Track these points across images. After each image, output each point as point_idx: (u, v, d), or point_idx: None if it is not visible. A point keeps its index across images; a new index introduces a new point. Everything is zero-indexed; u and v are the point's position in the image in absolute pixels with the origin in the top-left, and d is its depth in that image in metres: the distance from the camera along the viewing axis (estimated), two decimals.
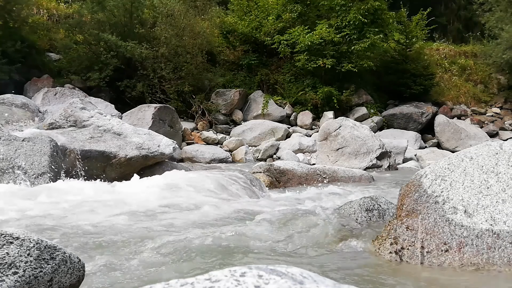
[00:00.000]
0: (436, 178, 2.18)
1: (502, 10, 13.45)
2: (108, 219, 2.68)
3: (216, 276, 0.71)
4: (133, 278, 1.74)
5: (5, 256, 1.25)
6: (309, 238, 2.36)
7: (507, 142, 2.29)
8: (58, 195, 3.18)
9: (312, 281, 0.72)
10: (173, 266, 1.87)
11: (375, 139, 6.95)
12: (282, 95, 12.11)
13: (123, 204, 3.07)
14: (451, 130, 11.15)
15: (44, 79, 10.09)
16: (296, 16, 12.29)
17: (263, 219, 2.83)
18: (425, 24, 13.54)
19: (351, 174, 4.89)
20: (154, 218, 2.78)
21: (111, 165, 4.26)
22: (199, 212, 2.99)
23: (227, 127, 10.79)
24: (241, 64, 12.72)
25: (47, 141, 3.73)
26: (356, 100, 12.23)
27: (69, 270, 1.36)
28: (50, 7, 12.65)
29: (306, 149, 9.16)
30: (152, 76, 10.46)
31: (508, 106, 13.97)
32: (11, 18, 10.17)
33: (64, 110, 4.88)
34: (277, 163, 4.91)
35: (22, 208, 2.79)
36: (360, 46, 11.27)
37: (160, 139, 4.78)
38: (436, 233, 2.03)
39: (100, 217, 2.71)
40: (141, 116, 8.15)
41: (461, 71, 15.37)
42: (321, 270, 1.83)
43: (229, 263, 1.90)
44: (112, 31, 10.36)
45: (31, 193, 3.17)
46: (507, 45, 12.75)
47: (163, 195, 3.39)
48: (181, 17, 10.95)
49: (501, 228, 1.89)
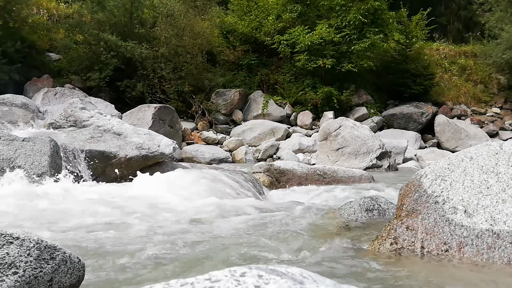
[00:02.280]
0: (436, 178, 2.18)
1: (502, 10, 13.45)
2: (107, 218, 2.68)
3: (216, 276, 0.71)
4: (133, 278, 1.74)
5: (5, 256, 1.25)
6: (309, 238, 2.36)
7: (507, 142, 2.29)
8: (58, 195, 3.18)
9: (312, 281, 0.72)
10: (172, 266, 1.87)
11: (375, 139, 6.95)
12: (282, 95, 12.12)
13: (121, 203, 3.08)
14: (451, 130, 11.15)
15: (44, 79, 10.09)
16: (296, 16, 12.29)
17: (263, 219, 2.84)
18: (425, 24, 13.54)
19: (351, 174, 4.89)
20: (152, 218, 2.78)
21: (111, 165, 4.26)
22: (198, 212, 2.99)
23: (227, 127, 10.80)
24: (241, 64, 12.72)
25: (47, 141, 3.73)
26: (356, 100, 12.23)
27: (69, 270, 1.36)
28: (50, 7, 12.66)
29: (306, 149, 9.16)
30: (152, 76, 10.47)
31: (508, 106, 13.97)
32: (11, 18, 10.17)
33: (64, 110, 4.88)
34: (277, 163, 4.91)
35: (22, 208, 2.79)
36: (360, 46, 11.28)
37: (160, 139, 4.77)
38: (436, 233, 2.03)
39: (101, 217, 2.71)
40: (141, 116, 8.15)
41: (461, 71, 15.38)
42: (320, 270, 1.83)
43: (229, 263, 1.90)
44: (112, 31, 10.36)
45: (31, 193, 3.17)
46: (507, 45, 12.75)
47: (157, 194, 3.39)
48: (181, 17, 10.96)
49: (501, 228, 1.89)
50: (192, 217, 2.80)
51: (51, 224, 2.50)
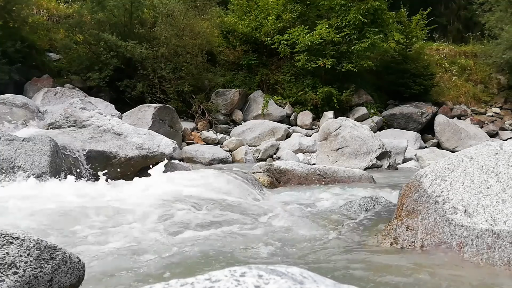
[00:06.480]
0: (436, 178, 2.18)
1: (502, 10, 13.46)
2: (109, 220, 2.68)
3: (216, 276, 0.71)
4: (133, 277, 1.74)
5: (5, 256, 1.25)
6: (308, 237, 2.36)
7: (507, 142, 2.29)
8: (59, 195, 3.18)
9: (312, 281, 0.72)
10: (172, 266, 1.88)
11: (375, 139, 6.95)
12: (282, 95, 12.12)
13: (119, 202, 3.07)
14: (451, 130, 11.15)
15: (44, 79, 10.09)
16: (296, 16, 12.29)
17: (263, 219, 2.84)
18: (425, 24, 13.54)
19: (351, 174, 4.89)
20: (148, 216, 2.78)
21: (111, 165, 4.26)
22: (197, 211, 2.99)
23: (227, 127, 10.80)
24: (241, 64, 12.72)
25: (47, 141, 3.73)
26: (356, 100, 12.23)
27: (69, 270, 1.36)
28: (50, 7, 12.65)
29: (306, 149, 9.16)
30: (152, 76, 10.47)
31: (508, 106, 13.97)
32: (11, 18, 10.17)
33: (64, 110, 4.89)
34: (277, 163, 4.90)
35: (22, 208, 2.79)
36: (360, 46, 11.27)
37: (160, 139, 4.78)
38: (436, 233, 2.03)
39: (102, 216, 2.71)
40: (141, 116, 8.15)
41: (461, 71, 15.38)
42: (320, 270, 1.83)
43: (229, 263, 1.90)
44: (112, 31, 10.36)
45: (31, 193, 3.16)
46: (507, 45, 12.75)
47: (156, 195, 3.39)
48: (181, 17, 10.96)
49: (501, 228, 1.89)
50: (189, 217, 2.79)
51: (51, 224, 2.50)
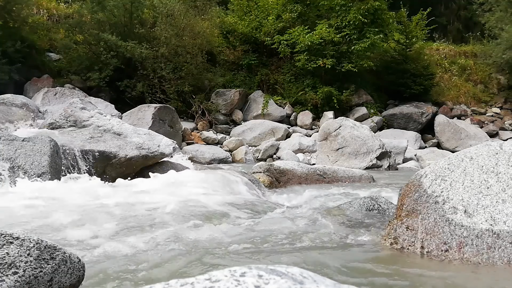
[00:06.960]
0: (436, 178, 2.18)
1: (502, 10, 13.45)
2: (109, 219, 2.68)
3: (216, 276, 0.71)
4: (132, 277, 1.74)
5: (5, 256, 1.25)
6: (308, 237, 2.36)
7: (507, 142, 2.29)
8: (58, 196, 3.18)
9: (312, 281, 0.72)
10: (172, 265, 1.87)
11: (375, 139, 6.95)
12: (282, 95, 12.12)
13: (120, 201, 3.07)
14: (451, 130, 11.15)
15: (44, 79, 10.09)
16: (296, 16, 12.29)
17: (263, 219, 2.84)
18: (425, 24, 13.54)
19: (351, 174, 4.89)
20: (146, 216, 2.78)
21: (111, 165, 4.26)
22: (196, 211, 2.99)
23: (227, 127, 10.80)
24: (241, 64, 12.72)
25: (47, 141, 3.73)
26: (356, 100, 12.23)
27: (69, 270, 1.36)
28: (50, 7, 12.65)
29: (306, 149, 9.16)
30: (152, 76, 10.47)
31: (508, 106, 13.97)
32: (11, 18, 10.17)
33: (64, 110, 4.88)
34: (277, 163, 4.90)
35: (22, 209, 2.79)
36: (360, 46, 11.27)
37: (160, 139, 4.78)
38: (436, 233, 2.03)
39: (103, 216, 2.71)
40: (141, 116, 8.15)
41: (461, 71, 15.37)
42: (320, 269, 1.83)
43: (229, 263, 1.90)
44: (112, 31, 10.36)
45: (31, 193, 3.16)
46: (507, 45, 12.75)
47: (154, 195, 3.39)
48: (181, 17, 10.96)
49: (501, 228, 1.89)
50: (188, 218, 2.79)
51: (50, 224, 2.50)
